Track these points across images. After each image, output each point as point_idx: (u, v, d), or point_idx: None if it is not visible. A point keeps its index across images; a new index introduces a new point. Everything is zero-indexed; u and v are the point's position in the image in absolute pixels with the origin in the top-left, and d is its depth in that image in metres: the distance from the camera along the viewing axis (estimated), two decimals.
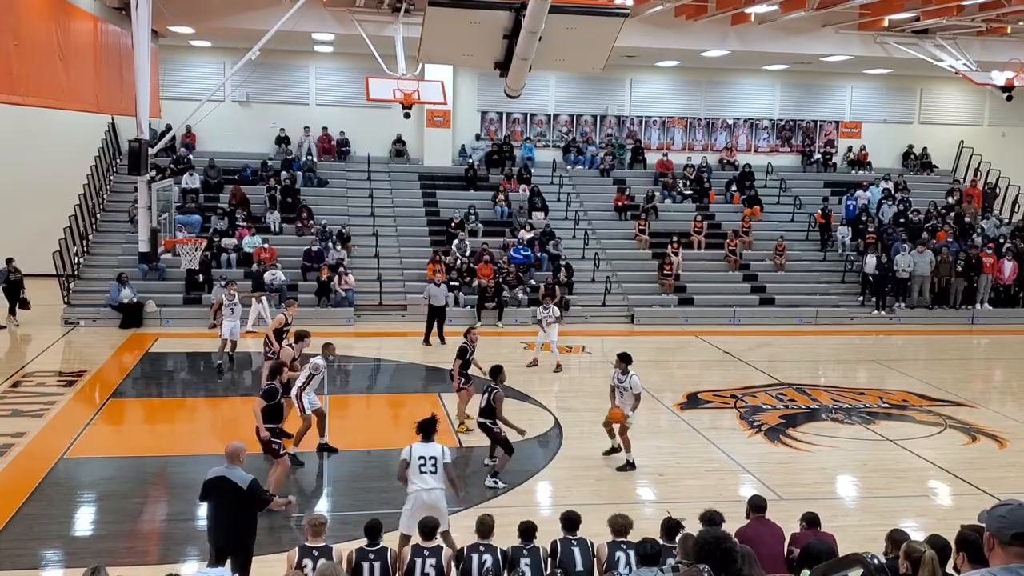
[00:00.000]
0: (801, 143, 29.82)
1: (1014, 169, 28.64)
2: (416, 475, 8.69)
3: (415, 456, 8.74)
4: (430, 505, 8.55)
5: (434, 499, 8.64)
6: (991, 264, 24.35)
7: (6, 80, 12.55)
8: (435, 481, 8.70)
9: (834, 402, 15.96)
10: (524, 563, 7.25)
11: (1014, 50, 21.60)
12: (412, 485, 8.71)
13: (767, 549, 7.48)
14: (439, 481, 8.73)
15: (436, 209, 25.70)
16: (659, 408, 15.42)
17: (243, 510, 7.91)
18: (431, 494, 8.65)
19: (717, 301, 23.63)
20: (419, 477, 8.68)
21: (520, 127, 28.43)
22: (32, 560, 9.25)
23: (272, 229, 23.97)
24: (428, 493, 8.64)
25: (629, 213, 26.17)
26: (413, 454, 8.75)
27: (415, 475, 8.70)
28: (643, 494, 11.65)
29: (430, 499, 8.62)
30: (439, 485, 8.73)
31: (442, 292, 20.40)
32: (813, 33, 22.93)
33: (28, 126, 24.14)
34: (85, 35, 16.48)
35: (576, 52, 8.04)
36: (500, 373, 11.90)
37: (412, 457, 8.74)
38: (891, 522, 8.86)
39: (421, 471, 8.68)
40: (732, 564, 4.43)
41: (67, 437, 12.97)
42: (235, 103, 26.30)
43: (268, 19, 17.51)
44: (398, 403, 15.61)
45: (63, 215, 22.26)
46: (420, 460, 8.71)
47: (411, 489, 8.72)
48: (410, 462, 8.73)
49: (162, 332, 20.26)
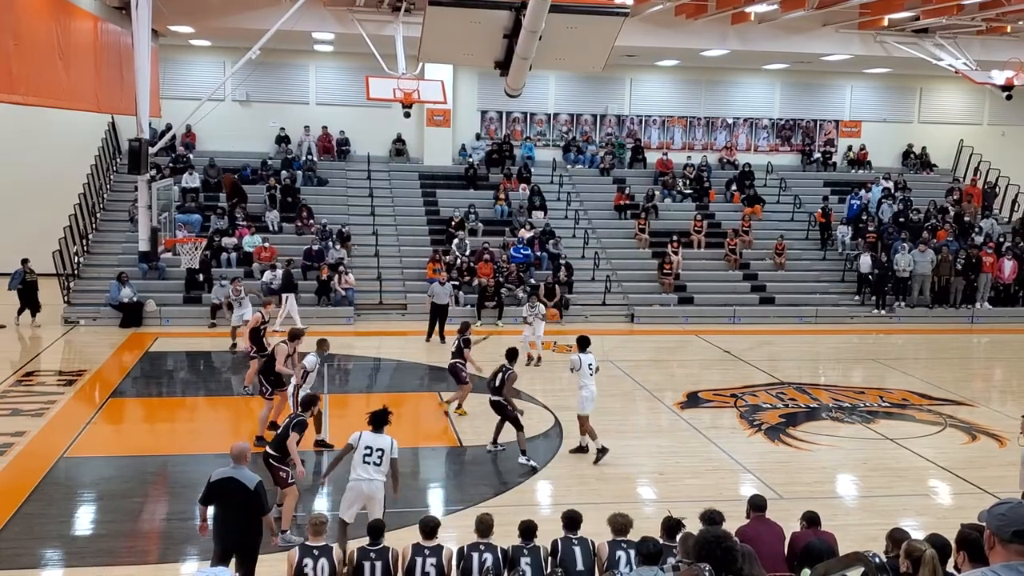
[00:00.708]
0: (801, 142, 29.82)
1: (1014, 168, 28.64)
2: (359, 464, 8.75)
3: (362, 444, 8.78)
4: (368, 495, 8.69)
5: (373, 489, 8.72)
6: (991, 263, 24.35)
7: (6, 80, 12.54)
8: (376, 472, 8.74)
9: (834, 401, 15.95)
10: (524, 562, 7.26)
11: (1014, 49, 21.60)
12: (353, 473, 8.78)
13: (767, 548, 7.48)
14: (380, 473, 8.76)
15: (436, 208, 25.70)
16: (659, 407, 15.43)
17: (251, 510, 7.91)
18: (371, 484, 8.71)
19: (717, 300, 23.63)
20: (362, 466, 8.74)
21: (520, 126, 28.43)
22: (32, 559, 9.25)
23: (272, 228, 23.97)
24: (368, 483, 8.71)
25: (629, 212, 26.17)
26: (361, 442, 8.79)
27: (358, 464, 8.75)
28: (643, 493, 11.66)
29: (369, 489, 8.71)
30: (380, 477, 8.76)
31: (446, 291, 20.46)
32: (813, 32, 22.93)
33: (28, 126, 24.14)
34: (85, 34, 16.48)
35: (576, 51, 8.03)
36: (516, 356, 12.68)
37: (359, 445, 8.78)
38: (891, 521, 8.86)
39: (365, 461, 8.74)
40: (733, 563, 4.43)
41: (67, 436, 12.97)
42: (235, 102, 26.32)
43: (268, 18, 17.51)
44: (398, 402, 15.54)
45: (63, 215, 22.25)
46: (366, 450, 8.75)
47: (352, 477, 8.79)
48: (356, 449, 8.78)
49: (162, 331, 20.26)
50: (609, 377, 17.45)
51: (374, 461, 8.72)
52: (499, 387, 12.31)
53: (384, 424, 9.01)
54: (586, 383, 12.36)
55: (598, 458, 12.29)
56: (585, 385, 12.37)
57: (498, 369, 12.49)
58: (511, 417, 12.27)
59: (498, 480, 11.92)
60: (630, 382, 17.02)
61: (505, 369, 12.35)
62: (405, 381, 17.65)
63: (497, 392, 12.34)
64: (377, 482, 8.74)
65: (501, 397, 12.28)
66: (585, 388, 12.37)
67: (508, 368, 12.36)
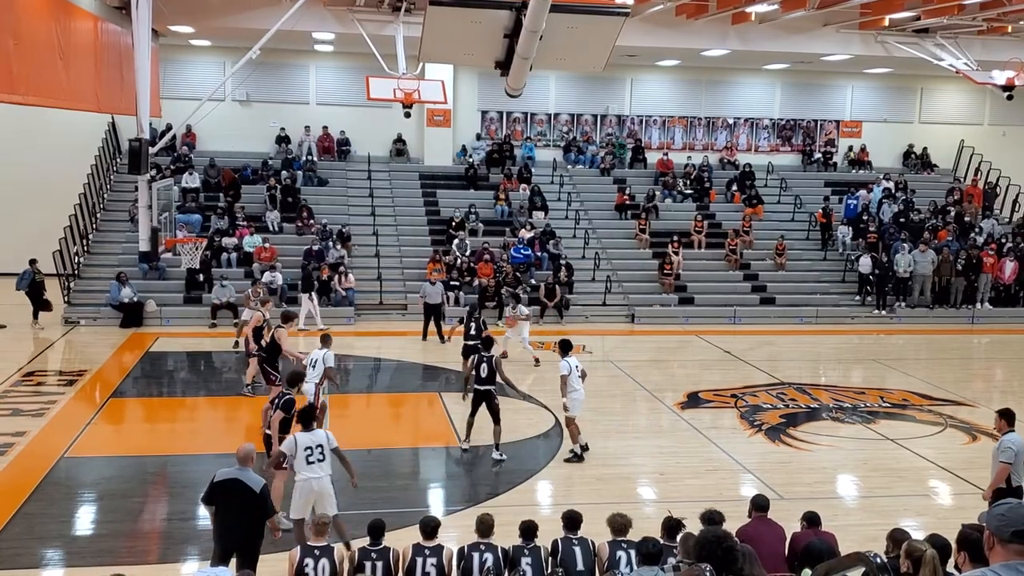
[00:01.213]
0: (802, 142, 29.81)
1: (1014, 168, 28.63)
2: (304, 466, 8.79)
3: (301, 447, 8.82)
4: (319, 492, 8.78)
5: (322, 486, 8.83)
6: (991, 264, 24.34)
7: (6, 79, 12.54)
8: (322, 469, 8.83)
9: (835, 401, 15.95)
10: (525, 562, 7.26)
11: (1014, 49, 21.59)
12: (300, 475, 8.83)
13: (768, 548, 7.48)
14: (326, 468, 8.86)
15: (436, 208, 25.70)
16: (660, 408, 15.42)
17: (254, 512, 7.91)
18: (320, 482, 8.82)
19: (717, 300, 23.62)
20: (307, 467, 8.79)
21: (520, 126, 28.43)
22: (32, 559, 9.24)
23: (272, 228, 23.97)
24: (317, 481, 8.80)
25: (629, 212, 26.16)
26: (299, 445, 8.83)
27: (302, 466, 8.79)
28: (644, 493, 11.65)
29: (319, 487, 8.82)
30: (326, 472, 8.87)
31: (437, 290, 20.49)
32: (813, 32, 22.92)
33: (28, 126, 24.15)
34: (85, 34, 16.47)
35: (577, 51, 8.02)
36: (492, 343, 13.04)
37: (298, 448, 8.82)
38: (892, 521, 8.86)
39: (308, 461, 8.79)
40: (733, 563, 4.43)
41: (67, 436, 12.97)
42: (235, 102, 26.32)
43: (268, 18, 17.51)
44: (398, 402, 15.61)
45: (63, 215, 22.25)
46: (307, 451, 8.81)
47: (299, 479, 8.85)
48: (296, 454, 8.81)
49: (162, 332, 20.26)
50: (609, 377, 17.47)
51: (317, 459, 8.80)
52: (489, 376, 12.29)
53: (312, 420, 9.10)
54: (576, 387, 12.31)
55: (574, 458, 12.33)
56: (576, 389, 12.32)
57: (479, 360, 12.44)
58: (495, 410, 12.33)
59: (498, 480, 11.91)
60: (630, 382, 17.01)
61: (488, 358, 12.38)
62: (405, 381, 17.64)
63: (487, 382, 12.30)
64: (324, 478, 8.85)
65: (493, 386, 12.32)
66: (576, 392, 12.32)
67: (489, 355, 12.44)
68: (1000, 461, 9.20)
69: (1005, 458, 9.15)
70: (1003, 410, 9.64)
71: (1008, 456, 9.13)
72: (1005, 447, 9.19)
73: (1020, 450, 9.16)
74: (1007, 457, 9.13)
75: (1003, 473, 9.16)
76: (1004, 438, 9.29)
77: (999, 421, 9.53)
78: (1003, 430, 9.39)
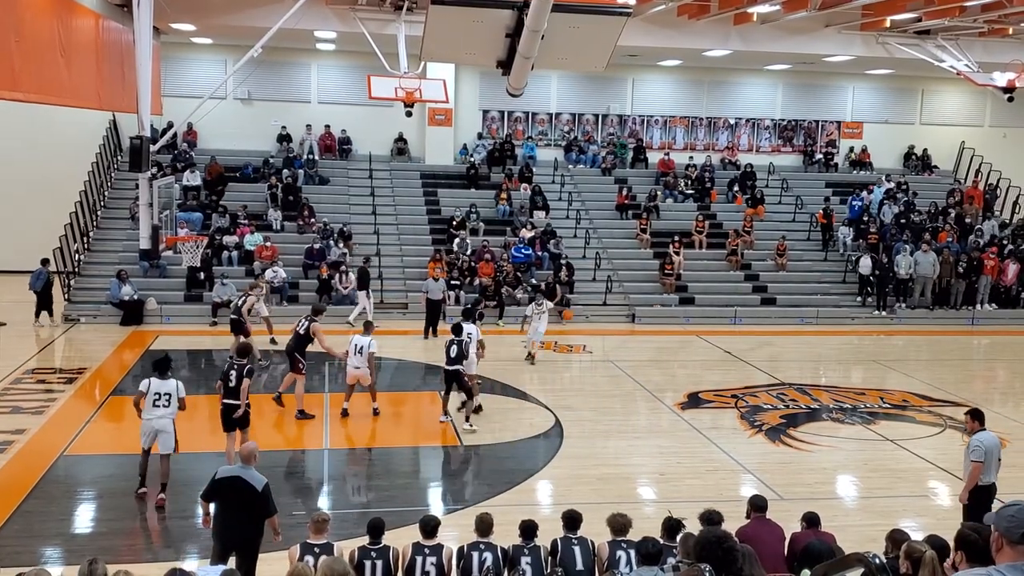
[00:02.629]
0: (803, 143, 29.80)
1: (1015, 170, 28.64)
2: (150, 408, 10.52)
3: (151, 391, 10.55)
4: (159, 429, 10.51)
5: (162, 425, 10.55)
6: (992, 266, 24.33)
7: (8, 76, 12.53)
8: (164, 412, 10.54)
9: (835, 402, 15.95)
10: (525, 562, 7.25)
11: (1015, 51, 21.57)
12: (145, 414, 10.54)
13: (768, 549, 7.49)
14: (169, 412, 10.56)
15: (437, 208, 25.70)
16: (660, 407, 15.42)
17: (255, 511, 7.91)
18: (160, 421, 10.53)
19: (718, 301, 23.62)
20: (151, 410, 10.53)
21: (522, 126, 28.43)
22: (32, 558, 9.23)
23: (273, 227, 23.97)
24: (157, 421, 10.51)
25: (630, 212, 26.16)
26: (151, 388, 10.56)
27: (149, 407, 10.52)
28: (644, 494, 11.66)
29: (159, 425, 10.53)
30: (168, 415, 10.56)
31: (439, 287, 20.67)
32: (815, 33, 22.90)
33: (29, 123, 24.13)
34: (87, 32, 16.46)
35: (578, 51, 8.01)
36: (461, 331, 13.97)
37: (149, 391, 10.54)
38: (891, 522, 8.86)
39: (155, 404, 10.53)
40: (733, 563, 4.43)
41: (67, 434, 12.98)
42: (237, 100, 26.32)
43: (270, 17, 17.53)
44: (399, 401, 15.60)
45: (64, 212, 22.25)
46: (155, 395, 10.54)
47: (144, 417, 10.55)
48: (147, 395, 10.51)
49: (163, 330, 20.26)
50: (610, 377, 17.49)
51: (163, 404, 10.54)
52: (458, 357, 13.38)
53: (168, 369, 10.75)
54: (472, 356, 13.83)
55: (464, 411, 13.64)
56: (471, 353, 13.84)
57: (449, 343, 13.55)
58: (466, 387, 13.58)
59: (498, 479, 11.91)
60: (631, 382, 17.01)
61: (457, 340, 13.52)
62: (406, 380, 17.63)
63: (456, 362, 13.36)
64: (165, 419, 10.53)
65: (461, 365, 13.38)
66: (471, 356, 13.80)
67: (459, 339, 13.58)
68: (971, 460, 9.28)
69: (975, 457, 9.23)
70: (972, 410, 9.74)
71: (978, 455, 9.22)
72: (974, 446, 9.29)
73: (989, 448, 9.25)
74: (977, 456, 9.22)
75: (976, 472, 9.24)
76: (974, 438, 9.39)
77: (970, 422, 9.60)
78: (974, 430, 9.46)
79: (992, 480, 9.31)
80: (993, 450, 9.30)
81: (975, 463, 9.23)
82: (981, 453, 9.21)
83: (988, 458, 9.23)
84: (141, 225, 15.96)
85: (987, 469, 9.25)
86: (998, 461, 9.40)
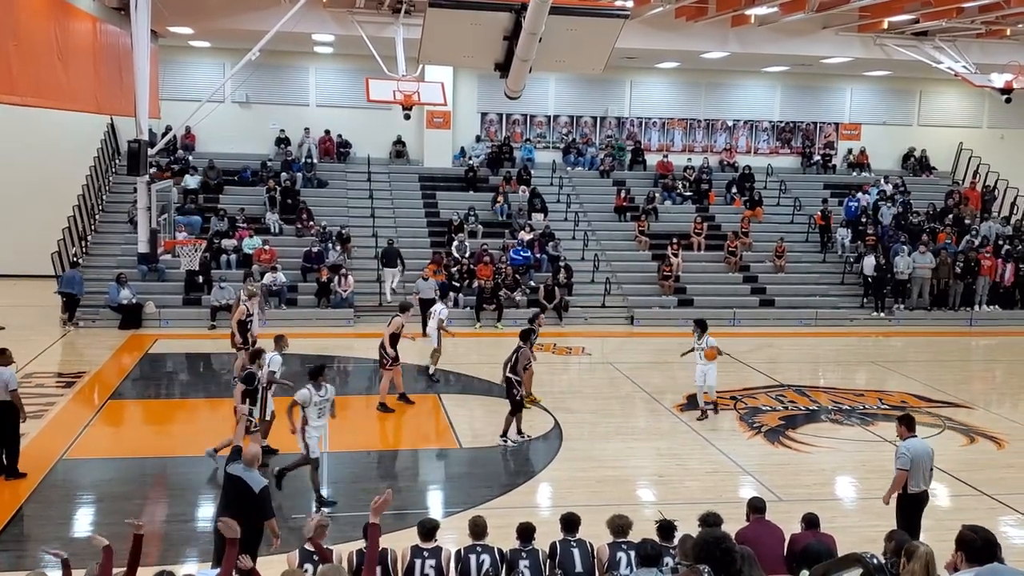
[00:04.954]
0: (801, 145, 29.83)
1: (1012, 171, 28.69)
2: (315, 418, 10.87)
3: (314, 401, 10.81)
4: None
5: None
6: (989, 267, 24.34)
7: (6, 80, 12.52)
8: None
9: (834, 403, 15.96)
10: (523, 564, 7.24)
11: (1013, 52, 21.59)
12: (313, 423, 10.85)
13: (767, 550, 7.48)
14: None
15: (436, 210, 25.71)
16: (659, 409, 15.42)
17: (252, 513, 7.92)
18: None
19: (717, 302, 23.61)
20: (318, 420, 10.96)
21: (520, 128, 28.44)
22: (31, 562, 9.21)
23: (272, 230, 23.96)
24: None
25: (629, 214, 26.17)
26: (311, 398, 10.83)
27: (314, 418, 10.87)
28: (643, 495, 11.66)
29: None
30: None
31: (430, 285, 20.96)
32: (813, 35, 22.93)
33: (28, 126, 24.12)
34: (84, 35, 16.44)
35: (576, 53, 8.03)
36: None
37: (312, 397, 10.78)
38: (890, 523, 8.85)
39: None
40: (732, 565, 4.43)
41: (66, 438, 12.97)
42: (235, 104, 26.28)
43: (268, 20, 17.51)
44: (398, 404, 15.58)
45: (62, 215, 22.24)
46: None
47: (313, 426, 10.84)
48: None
49: (161, 333, 20.25)
50: (609, 379, 17.50)
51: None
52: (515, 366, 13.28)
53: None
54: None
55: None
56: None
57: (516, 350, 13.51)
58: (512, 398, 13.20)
59: (497, 482, 11.91)
60: (630, 384, 17.02)
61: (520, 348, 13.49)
62: (405, 383, 17.57)
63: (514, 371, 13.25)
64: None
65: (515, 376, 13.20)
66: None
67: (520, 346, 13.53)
68: (897, 468, 9.12)
69: (901, 464, 9.06)
70: (902, 416, 9.58)
71: (904, 463, 9.04)
72: (901, 453, 9.10)
73: (916, 456, 9.05)
74: (903, 464, 9.04)
75: (900, 480, 9.10)
76: (901, 444, 9.18)
77: (899, 428, 9.40)
78: (904, 436, 9.26)
79: (923, 488, 9.13)
80: (922, 458, 9.10)
81: (900, 470, 9.06)
82: (907, 460, 9.02)
83: (915, 466, 9.03)
84: (139, 229, 15.92)
85: (914, 477, 9.07)
86: (930, 471, 9.23)
